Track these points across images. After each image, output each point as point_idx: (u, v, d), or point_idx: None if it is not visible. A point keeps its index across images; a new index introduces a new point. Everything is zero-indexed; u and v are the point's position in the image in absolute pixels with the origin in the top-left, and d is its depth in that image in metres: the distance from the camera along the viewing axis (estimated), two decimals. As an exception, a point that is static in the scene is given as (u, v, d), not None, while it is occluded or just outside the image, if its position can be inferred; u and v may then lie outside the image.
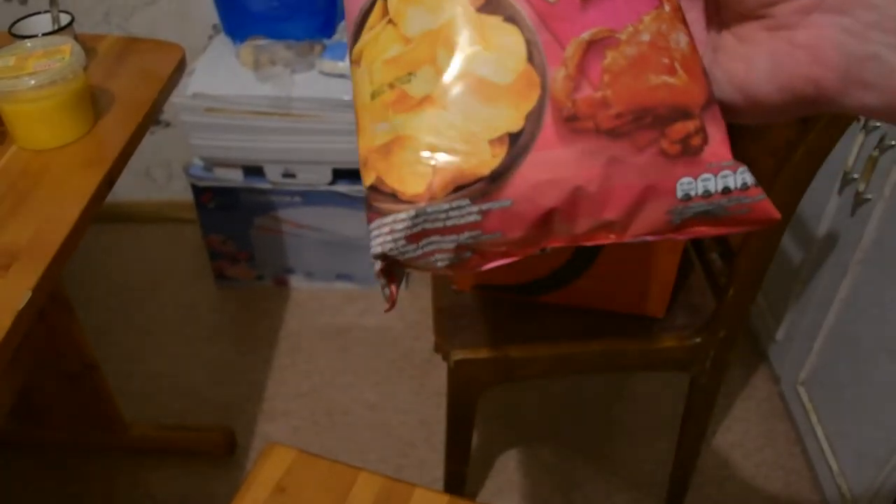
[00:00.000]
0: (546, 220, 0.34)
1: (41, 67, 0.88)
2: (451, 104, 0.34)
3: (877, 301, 1.19)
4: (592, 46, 0.34)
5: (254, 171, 1.67)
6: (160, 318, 1.82)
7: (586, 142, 0.33)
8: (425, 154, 0.34)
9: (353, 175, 1.66)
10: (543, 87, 0.33)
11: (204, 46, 1.72)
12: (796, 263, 1.44)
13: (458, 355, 1.08)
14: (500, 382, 1.11)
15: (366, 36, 0.36)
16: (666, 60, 0.34)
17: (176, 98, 1.53)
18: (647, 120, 0.34)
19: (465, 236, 0.34)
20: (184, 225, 2.07)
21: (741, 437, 1.52)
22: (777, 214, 0.36)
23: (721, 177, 0.34)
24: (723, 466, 1.47)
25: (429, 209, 0.33)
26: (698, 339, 1.09)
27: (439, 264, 0.35)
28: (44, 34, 1.01)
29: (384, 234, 0.34)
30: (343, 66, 1.51)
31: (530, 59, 0.34)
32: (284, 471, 0.88)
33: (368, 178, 0.36)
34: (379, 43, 0.36)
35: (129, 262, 1.99)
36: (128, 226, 2.09)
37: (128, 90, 1.03)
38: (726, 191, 0.34)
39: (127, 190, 2.05)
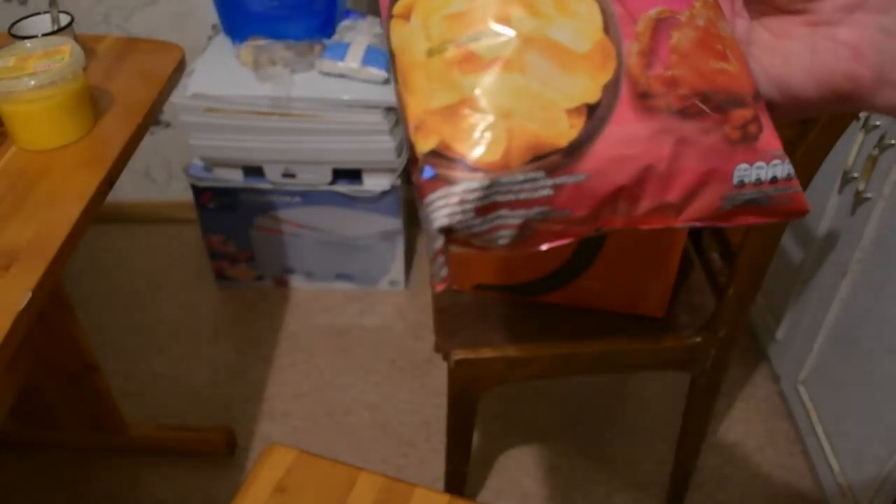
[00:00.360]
0: (612, 199, 0.33)
1: (41, 68, 0.88)
2: (527, 68, 0.32)
3: (877, 300, 1.19)
4: (659, 25, 0.33)
5: (254, 171, 1.67)
6: (160, 318, 1.82)
7: (659, 120, 0.33)
8: (500, 119, 0.31)
9: (352, 175, 1.66)
10: (619, 60, 0.32)
11: (203, 47, 1.72)
12: (796, 263, 1.44)
13: (459, 355, 1.08)
14: (501, 382, 1.11)
15: None
16: (719, 47, 0.34)
17: (176, 98, 1.53)
18: (712, 103, 0.33)
19: (534, 212, 0.32)
20: (184, 225, 2.07)
21: (741, 436, 1.52)
22: (808, 207, 0.36)
23: (772, 166, 0.34)
24: (723, 466, 1.47)
25: (503, 179, 0.31)
26: (698, 339, 1.09)
27: (500, 241, 0.33)
28: (43, 35, 1.01)
29: (452, 205, 0.31)
30: (342, 65, 1.51)
31: (606, 29, 0.33)
32: (285, 471, 0.88)
33: (427, 142, 0.32)
34: None
35: (129, 262, 1.99)
36: (128, 226, 2.09)
37: (127, 90, 1.02)
38: (774, 180, 0.34)
39: (127, 190, 2.05)
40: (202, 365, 1.70)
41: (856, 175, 1.21)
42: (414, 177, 0.33)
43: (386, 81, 1.52)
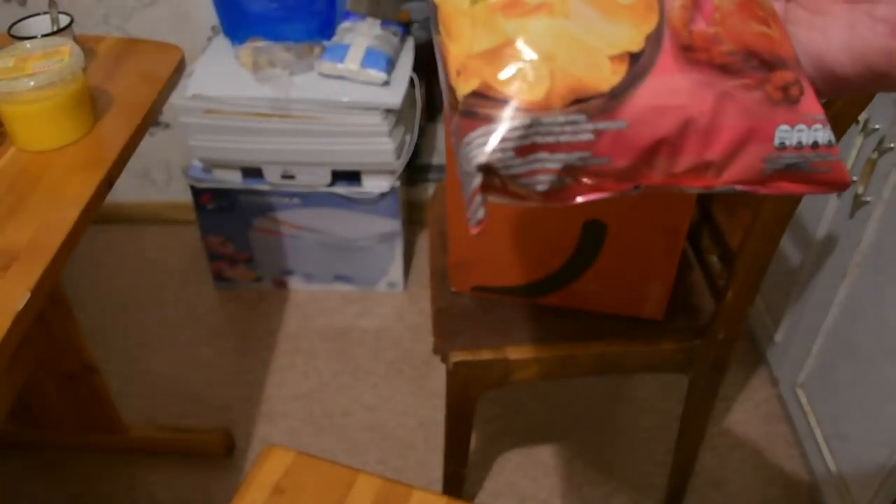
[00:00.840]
0: (652, 151, 0.33)
1: (40, 69, 0.88)
2: (572, 14, 0.32)
3: (875, 303, 1.19)
4: None
5: (253, 172, 1.67)
6: (159, 319, 1.82)
7: (701, 73, 0.33)
8: (543, 61, 0.32)
9: (351, 176, 1.66)
10: (661, 14, 0.33)
11: (203, 48, 1.72)
12: (795, 265, 1.44)
13: (457, 357, 1.08)
14: (499, 384, 1.11)
15: None
16: (761, 13, 0.35)
17: (175, 99, 1.53)
18: (754, 62, 0.34)
19: (574, 156, 0.32)
20: (183, 226, 2.07)
21: (740, 439, 1.52)
22: (850, 179, 0.36)
23: (813, 130, 0.34)
24: (721, 468, 1.47)
25: (544, 120, 0.31)
26: (697, 342, 1.09)
27: (538, 187, 0.33)
28: (43, 35, 1.01)
29: (493, 143, 0.31)
30: (342, 67, 1.51)
31: None
32: (283, 472, 0.88)
33: (468, 84, 0.33)
34: None
35: (127, 263, 1.99)
36: (127, 227, 2.09)
37: (127, 91, 1.03)
38: (815, 145, 0.34)
39: (126, 191, 2.05)
40: (201, 366, 1.70)
41: (855, 178, 1.21)
42: (452, 123, 0.33)
43: (385, 83, 1.52)
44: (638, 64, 0.32)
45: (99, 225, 2.07)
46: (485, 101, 0.32)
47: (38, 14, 1.06)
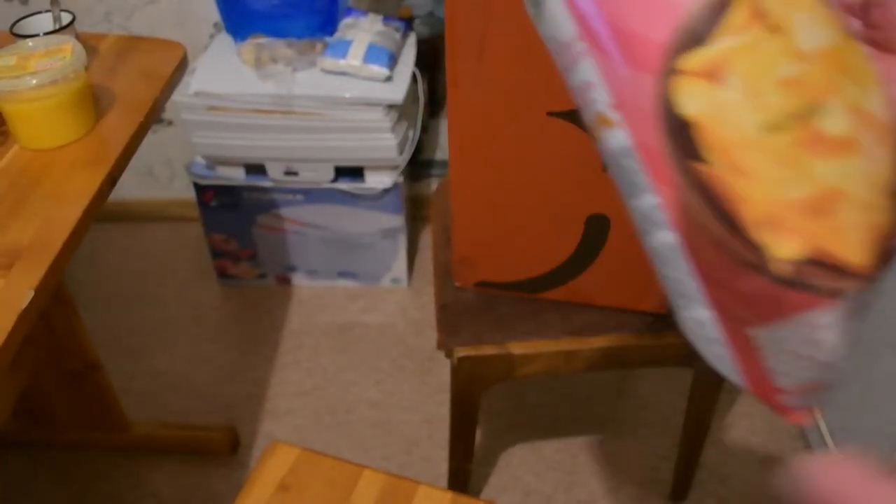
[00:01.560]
0: None
1: (42, 67, 0.88)
2: (869, 150, 0.28)
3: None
4: None
5: (256, 169, 1.67)
6: (162, 316, 1.82)
7: None
8: (868, 213, 0.27)
9: (354, 172, 1.66)
10: None
11: (205, 45, 1.72)
12: (799, 259, 1.44)
13: (461, 352, 1.08)
14: (503, 380, 1.11)
15: (730, 40, 0.27)
16: None
17: (177, 96, 1.53)
18: None
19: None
20: (186, 223, 2.07)
21: (744, 432, 1.52)
22: None
23: None
24: (726, 462, 1.47)
25: (877, 280, 0.28)
26: (701, 336, 1.08)
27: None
28: (45, 33, 1.01)
29: (842, 325, 0.28)
30: (344, 63, 1.51)
31: None
32: (288, 469, 0.88)
33: (793, 246, 0.27)
34: (762, 54, 0.27)
35: (131, 260, 1.99)
36: (130, 224, 2.09)
37: (129, 89, 1.02)
38: None
39: (129, 189, 2.05)
40: (205, 363, 1.70)
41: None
42: (752, 284, 0.28)
43: (388, 79, 1.52)
44: None
45: (102, 223, 2.07)
46: (825, 272, 0.27)
47: (39, 12, 1.06)
